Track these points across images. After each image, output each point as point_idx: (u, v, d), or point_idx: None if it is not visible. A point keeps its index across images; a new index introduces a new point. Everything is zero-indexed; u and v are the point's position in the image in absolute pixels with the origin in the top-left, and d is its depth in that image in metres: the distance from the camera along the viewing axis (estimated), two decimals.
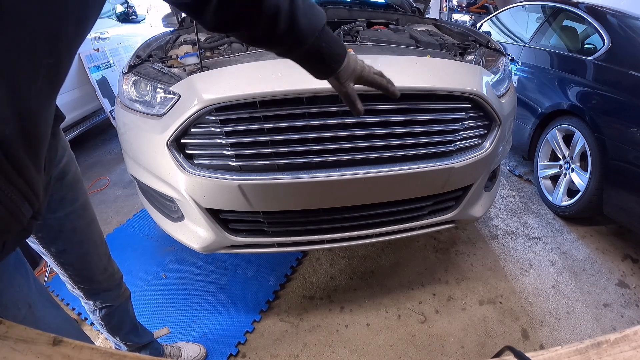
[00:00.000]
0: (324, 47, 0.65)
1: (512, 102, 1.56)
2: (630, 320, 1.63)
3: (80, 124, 3.05)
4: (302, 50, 0.64)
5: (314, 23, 0.62)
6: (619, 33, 2.22)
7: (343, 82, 0.70)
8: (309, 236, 1.39)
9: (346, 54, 0.69)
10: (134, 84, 1.39)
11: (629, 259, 2.00)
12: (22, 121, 0.36)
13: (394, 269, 1.85)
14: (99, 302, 0.99)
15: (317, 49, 0.64)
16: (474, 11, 6.90)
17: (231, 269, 1.81)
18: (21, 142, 0.36)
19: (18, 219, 0.40)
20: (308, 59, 0.66)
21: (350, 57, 0.70)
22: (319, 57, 0.66)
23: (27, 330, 0.42)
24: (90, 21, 0.42)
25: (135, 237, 2.07)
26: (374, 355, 1.43)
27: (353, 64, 0.70)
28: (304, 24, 0.61)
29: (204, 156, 1.26)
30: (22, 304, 0.69)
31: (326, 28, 0.65)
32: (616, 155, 1.91)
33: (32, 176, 0.40)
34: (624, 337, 0.45)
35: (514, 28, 3.26)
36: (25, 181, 0.39)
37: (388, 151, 1.28)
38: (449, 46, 1.69)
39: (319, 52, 0.65)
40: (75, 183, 0.83)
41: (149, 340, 1.23)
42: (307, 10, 0.61)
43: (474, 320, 1.59)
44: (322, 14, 0.65)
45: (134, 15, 3.77)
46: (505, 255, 1.98)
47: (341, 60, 0.68)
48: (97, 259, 0.92)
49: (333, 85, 0.72)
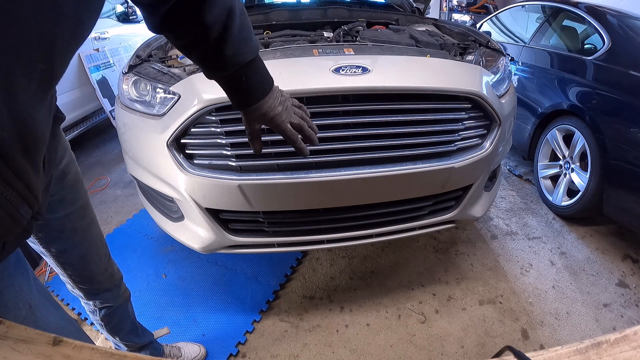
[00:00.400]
0: (242, 81, 0.66)
1: (512, 102, 1.56)
2: (630, 320, 1.63)
3: (80, 124, 3.05)
4: (220, 75, 0.66)
5: (241, 55, 0.64)
6: (619, 33, 2.22)
7: (249, 120, 0.72)
8: (309, 236, 1.39)
9: (264, 95, 0.69)
10: (134, 84, 1.39)
11: (629, 259, 2.00)
12: (18, 125, 0.36)
13: (394, 269, 1.85)
14: (99, 302, 0.99)
15: (235, 80, 0.66)
16: (474, 11, 6.91)
17: (231, 269, 1.81)
18: (18, 145, 0.37)
19: (17, 220, 0.40)
20: (225, 84, 0.68)
21: (269, 100, 0.70)
22: (234, 87, 0.68)
23: (27, 330, 0.42)
24: (87, 27, 0.42)
25: (135, 237, 2.07)
26: (374, 355, 1.43)
27: (267, 107, 0.70)
28: (228, 54, 0.62)
29: (204, 156, 1.26)
30: (22, 304, 0.69)
31: (255, 63, 0.67)
32: (616, 155, 1.91)
33: (31, 178, 0.40)
34: (624, 337, 0.45)
35: (514, 28, 3.26)
36: (24, 183, 0.39)
37: (388, 151, 1.28)
38: (449, 46, 1.69)
39: (235, 83, 0.67)
40: (76, 183, 0.83)
41: (148, 340, 1.23)
42: (239, 41, 0.63)
43: (474, 320, 1.59)
44: (254, 48, 0.66)
45: (134, 15, 3.76)
46: (505, 255, 1.98)
47: (256, 100, 0.69)
48: (97, 259, 0.92)
49: (242, 117, 0.73)
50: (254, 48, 0.66)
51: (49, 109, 0.44)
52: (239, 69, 0.65)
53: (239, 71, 0.65)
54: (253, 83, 0.68)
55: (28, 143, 0.38)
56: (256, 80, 0.68)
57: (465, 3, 7.12)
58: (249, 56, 0.65)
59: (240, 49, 0.63)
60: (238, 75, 0.66)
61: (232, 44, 0.62)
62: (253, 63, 0.66)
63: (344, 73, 1.22)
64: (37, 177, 0.42)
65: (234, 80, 0.67)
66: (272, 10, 2.06)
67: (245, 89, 0.67)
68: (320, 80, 1.19)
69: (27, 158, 0.39)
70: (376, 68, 1.27)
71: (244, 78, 0.66)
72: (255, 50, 0.67)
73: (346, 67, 1.24)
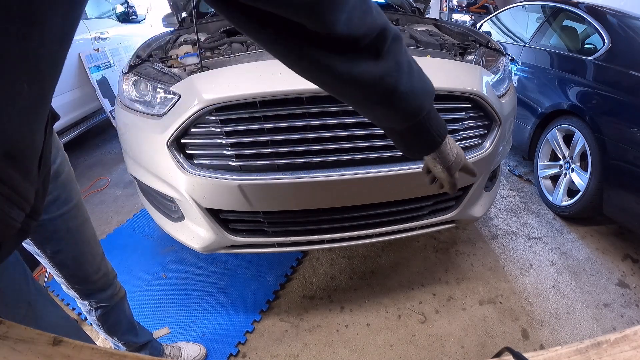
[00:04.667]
0: (431, 116, 0.60)
1: (512, 102, 1.56)
2: (630, 320, 1.63)
3: (80, 124, 3.04)
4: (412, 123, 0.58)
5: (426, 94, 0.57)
6: (619, 33, 2.22)
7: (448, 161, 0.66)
8: (309, 236, 1.39)
9: (446, 132, 0.64)
10: (134, 84, 1.39)
11: (629, 259, 2.00)
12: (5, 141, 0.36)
13: (394, 269, 1.85)
14: (94, 302, 1.00)
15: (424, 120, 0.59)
16: (474, 11, 6.91)
17: (231, 269, 1.81)
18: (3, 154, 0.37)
19: (7, 223, 0.41)
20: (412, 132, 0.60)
21: (450, 139, 0.65)
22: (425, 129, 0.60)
23: (27, 330, 0.42)
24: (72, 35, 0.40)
25: (135, 237, 2.07)
26: (374, 355, 1.43)
27: (453, 146, 0.65)
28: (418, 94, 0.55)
29: (204, 156, 1.26)
30: (22, 302, 0.69)
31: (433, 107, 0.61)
32: (616, 155, 1.91)
33: (18, 183, 0.40)
34: (624, 337, 0.45)
35: (514, 28, 3.26)
36: (10, 188, 0.39)
37: (388, 151, 1.27)
38: (449, 46, 1.69)
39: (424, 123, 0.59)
40: (69, 183, 0.83)
41: (147, 339, 1.23)
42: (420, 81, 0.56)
43: (474, 320, 1.58)
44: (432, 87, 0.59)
45: (134, 15, 3.77)
46: (505, 255, 1.98)
47: (443, 135, 0.62)
48: (91, 259, 0.92)
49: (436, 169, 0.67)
50: (431, 85, 0.60)
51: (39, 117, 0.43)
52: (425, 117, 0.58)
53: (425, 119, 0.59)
54: (435, 125, 0.61)
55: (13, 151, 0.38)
56: (437, 122, 0.62)
57: (465, 3, 7.11)
58: (430, 98, 0.58)
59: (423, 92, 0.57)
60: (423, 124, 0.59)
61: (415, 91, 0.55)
62: (433, 108, 0.61)
63: None
64: (26, 179, 0.42)
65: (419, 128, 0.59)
66: None
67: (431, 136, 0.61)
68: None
69: (13, 165, 0.39)
70: None
71: (429, 123, 0.59)
72: (433, 88, 0.60)
73: None
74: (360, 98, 0.53)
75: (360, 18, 0.45)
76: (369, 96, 0.52)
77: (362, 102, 0.55)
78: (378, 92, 0.51)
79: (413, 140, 0.62)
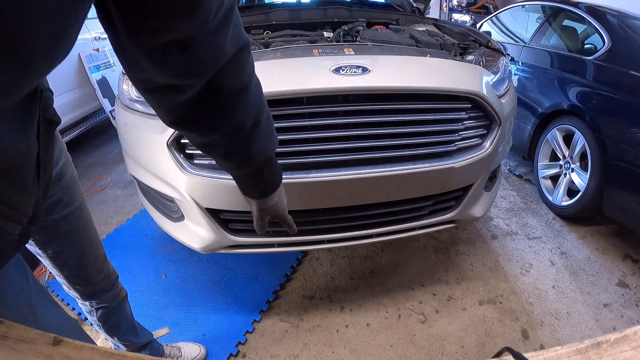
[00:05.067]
0: (264, 173, 0.64)
1: (512, 102, 1.56)
2: (630, 320, 1.63)
3: (80, 124, 3.04)
4: (243, 172, 0.64)
5: (268, 148, 0.62)
6: (619, 33, 2.22)
7: (261, 211, 0.71)
8: (309, 236, 1.39)
9: (279, 184, 0.69)
10: None
11: (629, 259, 2.00)
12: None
13: (394, 269, 1.85)
14: (95, 302, 0.99)
15: (257, 172, 0.64)
16: (474, 11, 6.91)
17: (231, 269, 1.81)
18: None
19: (3, 238, 0.41)
20: (246, 178, 0.66)
21: (281, 189, 0.70)
22: (255, 180, 0.66)
23: (27, 330, 0.42)
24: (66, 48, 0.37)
25: (135, 237, 2.07)
26: (374, 355, 1.43)
27: (280, 196, 0.71)
28: (258, 148, 0.59)
29: (204, 156, 1.26)
30: (22, 303, 0.69)
31: (274, 157, 0.65)
32: (616, 155, 1.91)
33: (9, 197, 0.40)
34: (624, 337, 0.45)
35: (514, 28, 3.26)
36: (3, 203, 0.39)
37: (388, 151, 1.28)
38: (449, 46, 1.69)
39: (257, 175, 0.64)
40: (72, 184, 0.82)
41: (147, 340, 1.23)
42: (268, 134, 0.60)
43: (474, 320, 1.58)
44: (276, 138, 0.64)
45: None
46: (505, 255, 1.98)
47: (274, 188, 0.68)
48: (93, 260, 0.92)
49: (252, 208, 0.72)
50: (276, 138, 0.64)
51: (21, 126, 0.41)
52: (265, 164, 0.62)
53: (265, 166, 0.63)
54: (274, 172, 0.66)
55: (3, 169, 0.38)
56: (276, 170, 0.67)
57: (465, 3, 7.12)
58: (274, 148, 0.63)
59: (268, 142, 0.61)
60: (261, 168, 0.63)
61: (262, 138, 0.59)
62: (274, 157, 0.65)
63: (344, 73, 1.22)
64: (20, 193, 0.41)
65: (256, 173, 0.64)
66: (272, 10, 2.06)
67: (266, 181, 0.66)
68: (320, 80, 1.19)
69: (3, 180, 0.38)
70: (376, 68, 1.27)
71: (266, 170, 0.64)
72: (277, 140, 0.65)
73: (346, 67, 1.24)
74: None
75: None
76: None
77: None
78: None
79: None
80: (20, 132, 0.41)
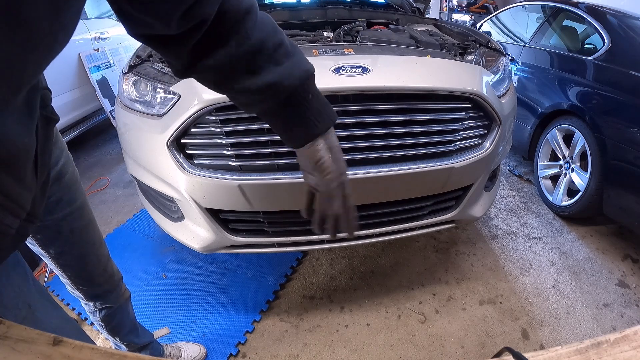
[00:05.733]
0: (311, 99, 0.53)
1: (512, 102, 1.56)
2: (630, 320, 1.63)
3: (80, 124, 3.04)
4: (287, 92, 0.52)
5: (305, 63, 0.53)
6: (619, 33, 2.22)
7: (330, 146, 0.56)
8: (309, 236, 1.39)
9: (332, 123, 0.56)
10: (134, 84, 1.39)
11: (629, 259, 2.00)
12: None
13: (394, 269, 1.85)
14: (99, 303, 0.99)
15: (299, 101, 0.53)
16: (474, 11, 6.91)
17: (231, 269, 1.81)
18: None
19: (1, 230, 0.41)
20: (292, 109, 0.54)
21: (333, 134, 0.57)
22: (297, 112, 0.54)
23: (27, 330, 0.42)
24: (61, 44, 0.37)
25: (135, 237, 2.07)
26: (374, 355, 1.43)
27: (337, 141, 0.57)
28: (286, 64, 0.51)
29: (204, 156, 1.26)
30: (22, 304, 0.69)
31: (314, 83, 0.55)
32: (616, 155, 1.91)
33: (11, 189, 0.40)
34: (624, 337, 0.45)
35: (514, 28, 3.26)
36: (3, 195, 0.39)
37: (388, 151, 1.27)
38: (449, 46, 1.69)
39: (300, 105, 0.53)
40: (73, 184, 0.82)
41: (148, 340, 1.23)
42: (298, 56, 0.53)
43: (474, 320, 1.58)
44: (313, 68, 0.54)
45: None
46: (505, 255, 1.98)
47: (330, 120, 0.55)
48: (95, 260, 0.92)
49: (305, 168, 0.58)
50: (310, 65, 0.54)
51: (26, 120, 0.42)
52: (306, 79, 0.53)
53: (306, 84, 0.53)
54: (322, 100, 0.55)
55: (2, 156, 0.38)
56: (323, 99, 0.55)
57: (465, 3, 7.12)
58: (313, 70, 0.54)
59: (303, 62, 0.53)
60: (305, 89, 0.53)
61: (293, 58, 0.51)
62: (313, 80, 0.55)
63: (344, 73, 1.22)
64: (20, 185, 0.42)
65: (301, 97, 0.53)
66: (272, 10, 2.06)
67: (317, 108, 0.54)
68: (320, 80, 1.17)
69: (3, 170, 0.38)
70: (376, 68, 1.27)
71: (311, 96, 0.53)
72: (312, 67, 0.54)
73: (346, 67, 1.24)
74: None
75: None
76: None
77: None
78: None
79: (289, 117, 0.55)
80: (25, 126, 0.42)
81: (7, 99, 0.35)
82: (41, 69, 0.39)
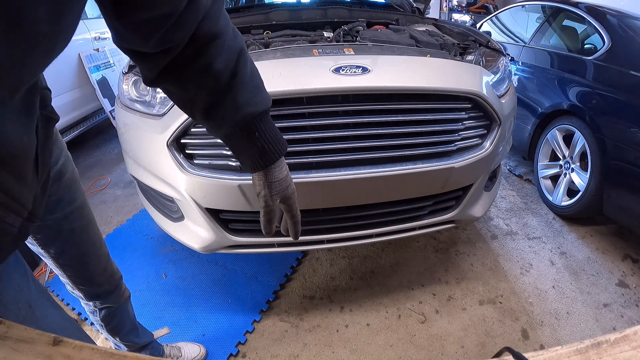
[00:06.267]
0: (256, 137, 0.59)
1: (512, 102, 1.56)
2: (630, 320, 1.63)
3: (80, 124, 3.04)
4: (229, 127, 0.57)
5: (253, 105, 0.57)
6: (619, 33, 2.22)
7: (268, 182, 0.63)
8: (309, 236, 1.39)
9: (280, 155, 0.62)
10: (134, 84, 1.39)
11: (629, 259, 2.00)
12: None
13: (394, 269, 1.85)
14: (99, 303, 0.99)
15: (248, 134, 0.58)
16: (474, 11, 6.91)
17: (231, 269, 1.81)
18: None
19: (4, 229, 0.41)
20: (237, 140, 0.59)
21: (286, 168, 0.64)
22: (246, 143, 0.59)
23: (27, 330, 0.42)
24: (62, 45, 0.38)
25: (135, 237, 2.07)
26: (374, 355, 1.43)
27: (283, 174, 0.63)
28: (240, 102, 0.56)
29: (204, 156, 1.26)
30: (22, 304, 0.69)
31: (268, 117, 0.60)
32: (616, 155, 1.91)
33: (12, 187, 0.40)
34: (624, 337, 0.45)
35: (514, 28, 3.26)
36: (5, 193, 0.39)
37: (388, 151, 1.27)
38: (449, 46, 1.69)
39: (249, 137, 0.59)
40: (73, 183, 0.82)
41: (148, 340, 1.23)
42: (252, 88, 0.57)
43: (474, 320, 1.58)
44: (267, 98, 0.59)
45: None
46: (505, 255, 1.98)
47: (273, 159, 0.61)
48: (96, 260, 0.92)
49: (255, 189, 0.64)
50: (267, 98, 0.59)
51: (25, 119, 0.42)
52: (252, 121, 0.57)
53: (252, 124, 0.58)
54: (269, 137, 0.60)
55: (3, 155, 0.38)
56: (272, 135, 0.60)
57: (465, 3, 7.12)
58: (262, 106, 0.58)
59: (253, 97, 0.57)
60: (248, 127, 0.58)
61: (244, 91, 0.56)
62: (266, 117, 0.59)
63: (344, 73, 1.22)
64: (21, 184, 0.42)
65: (245, 134, 0.58)
66: (272, 10, 2.06)
67: (261, 146, 0.59)
68: (320, 80, 1.19)
69: (4, 169, 0.38)
70: (376, 68, 1.27)
71: (257, 133, 0.58)
72: (268, 101, 0.59)
73: (346, 67, 1.24)
74: None
75: None
76: None
77: None
78: None
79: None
80: (25, 125, 0.42)
81: (6, 99, 0.35)
82: (40, 70, 0.39)
